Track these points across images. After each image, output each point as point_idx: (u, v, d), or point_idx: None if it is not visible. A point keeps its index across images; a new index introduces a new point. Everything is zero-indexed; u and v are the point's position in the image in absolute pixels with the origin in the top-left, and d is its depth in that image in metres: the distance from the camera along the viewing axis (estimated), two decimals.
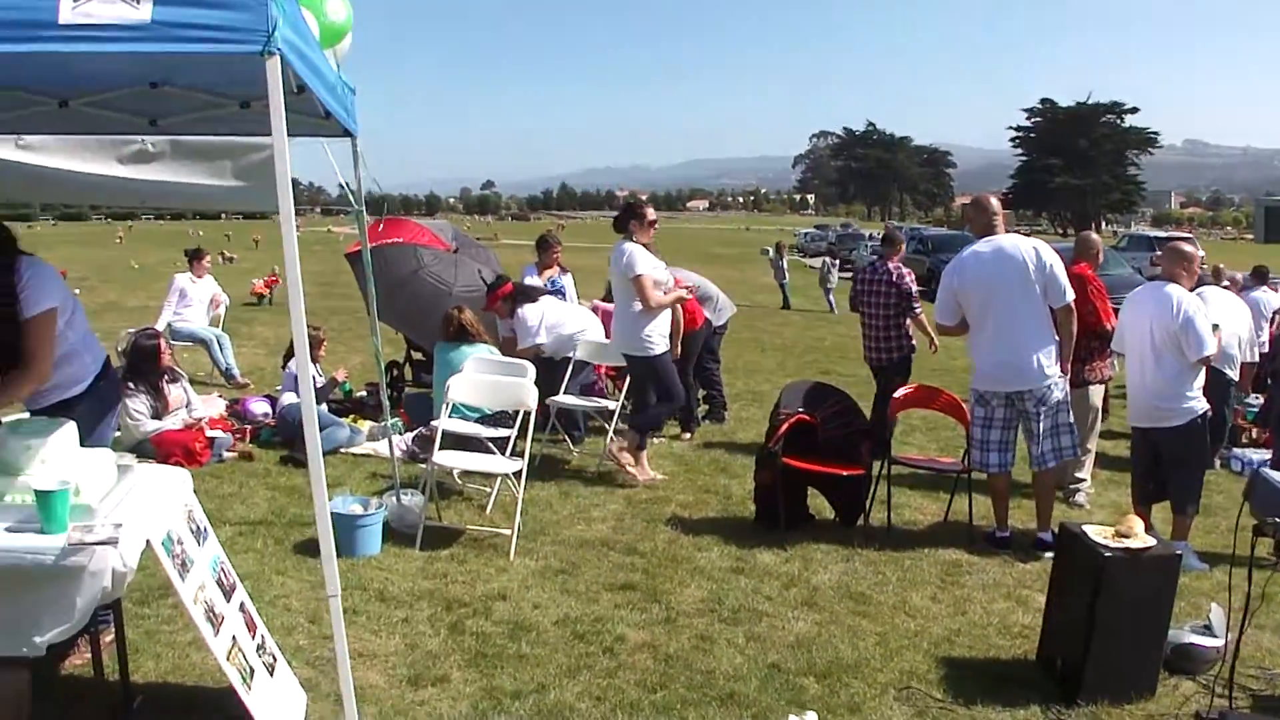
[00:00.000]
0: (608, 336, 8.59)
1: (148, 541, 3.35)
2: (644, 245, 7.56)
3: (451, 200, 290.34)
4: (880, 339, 8.98)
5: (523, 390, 6.59)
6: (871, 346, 9.09)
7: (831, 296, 26.35)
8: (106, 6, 2.79)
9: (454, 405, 6.91)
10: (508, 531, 6.16)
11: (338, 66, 5.05)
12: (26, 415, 4.16)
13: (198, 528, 3.86)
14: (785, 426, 6.60)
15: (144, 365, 8.00)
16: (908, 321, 8.92)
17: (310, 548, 5.95)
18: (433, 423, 7.08)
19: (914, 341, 9.07)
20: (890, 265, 9.01)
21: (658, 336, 7.57)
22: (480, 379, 6.99)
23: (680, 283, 8.46)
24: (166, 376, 8.17)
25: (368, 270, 6.37)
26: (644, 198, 15.44)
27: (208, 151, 6.22)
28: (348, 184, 5.85)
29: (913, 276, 9.11)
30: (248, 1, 2.89)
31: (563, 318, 8.69)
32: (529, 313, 8.48)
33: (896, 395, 7.40)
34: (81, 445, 3.67)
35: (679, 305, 8.06)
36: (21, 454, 3.40)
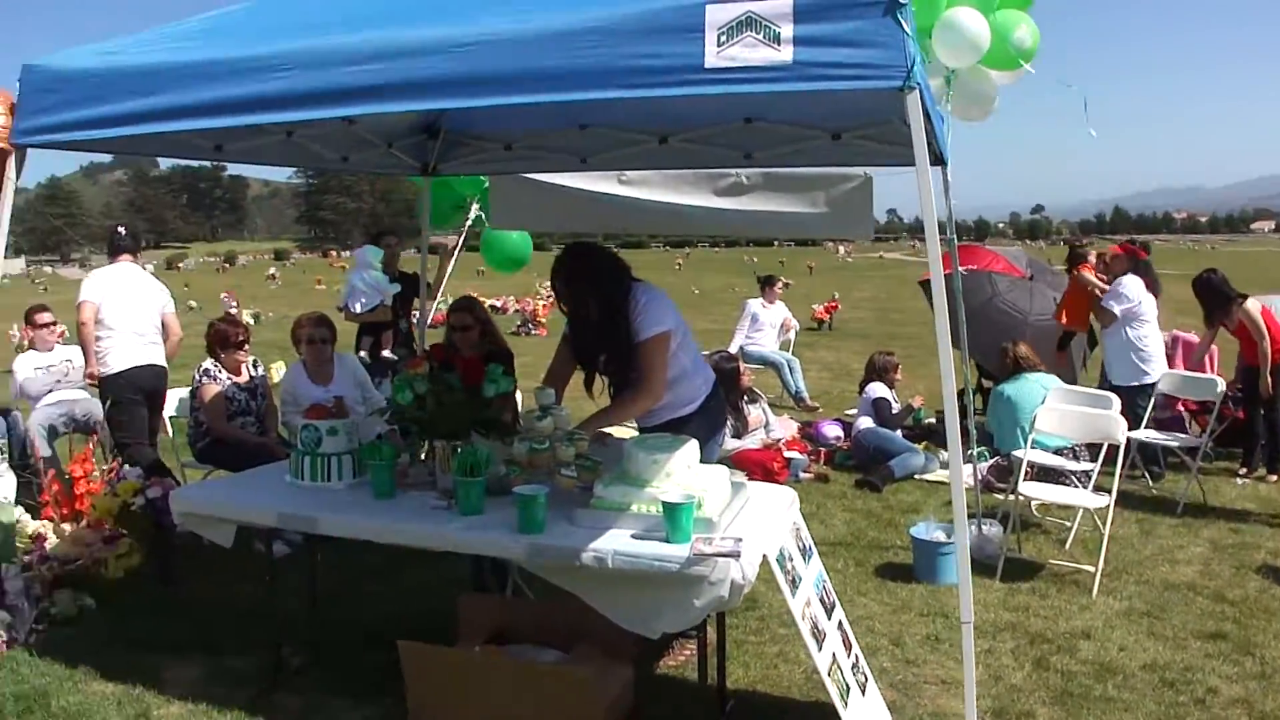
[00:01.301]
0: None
1: (764, 556, 3.60)
2: None
3: (1000, 225, 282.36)
4: None
5: (1110, 423, 6.28)
6: None
7: None
8: (750, 50, 2.95)
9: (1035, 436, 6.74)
10: (1090, 568, 5.90)
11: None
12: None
13: (804, 545, 4.08)
14: None
15: (724, 386, 8.55)
16: None
17: (891, 571, 6.06)
18: (1014, 453, 6.94)
19: None
20: None
21: None
22: (1067, 410, 6.74)
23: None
24: (745, 397, 8.68)
25: (958, 297, 6.25)
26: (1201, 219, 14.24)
27: (799, 182, 6.56)
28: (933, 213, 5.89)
29: None
30: (886, 40, 2.93)
31: None
32: None
33: None
34: None
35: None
36: (648, 467, 3.76)
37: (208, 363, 6.56)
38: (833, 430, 9.39)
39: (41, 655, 4.86)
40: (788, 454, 8.48)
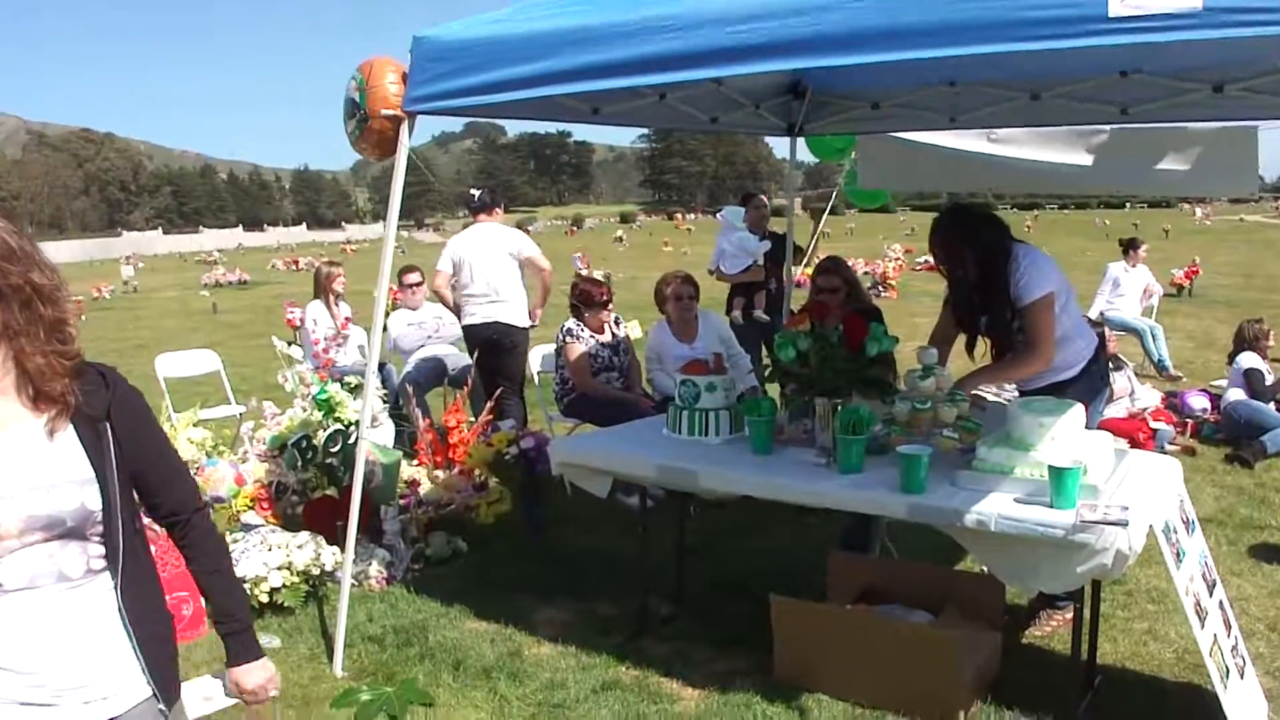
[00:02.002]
0: None
1: (1150, 527, 3.42)
2: None
3: None
4: None
5: None
6: None
7: None
8: None
9: None
10: None
11: None
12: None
13: (1187, 518, 3.86)
14: None
15: None
16: None
17: (1266, 552, 5.64)
18: None
19: None
20: None
21: None
22: None
23: None
24: (1111, 364, 8.25)
25: None
26: None
27: (1177, 137, 6.14)
28: None
29: None
30: None
31: None
32: None
33: None
34: None
35: None
36: (1033, 430, 3.63)
37: (570, 322, 6.84)
38: (1199, 401, 8.78)
39: (418, 592, 5.27)
40: (1154, 424, 8.01)
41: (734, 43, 3.43)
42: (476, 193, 8.04)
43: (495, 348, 7.51)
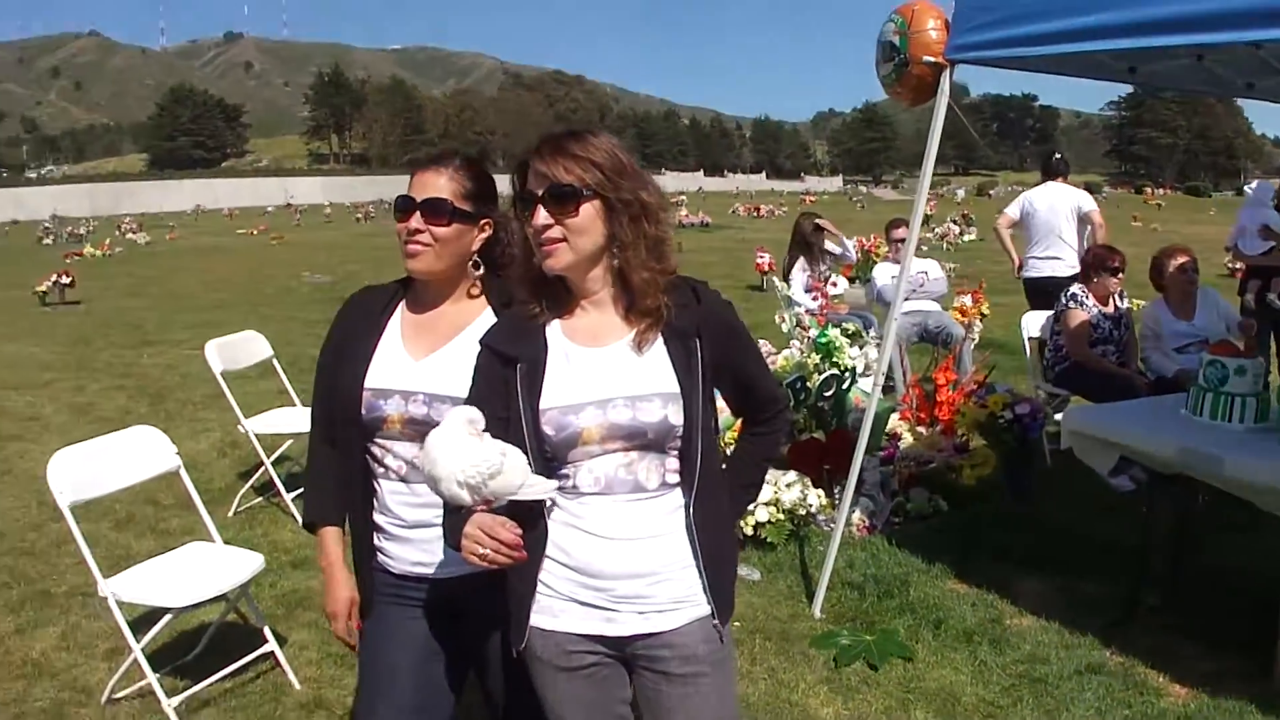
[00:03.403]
0: None
1: None
2: None
3: None
4: None
5: None
6: None
7: None
8: None
9: None
10: None
11: None
12: None
13: None
14: None
15: None
16: None
17: None
18: None
19: None
20: None
21: None
22: None
23: None
24: None
25: None
26: None
27: None
28: None
29: None
30: None
31: None
32: None
33: None
34: None
35: None
36: None
37: (1075, 287, 6.55)
38: None
39: (898, 545, 5.30)
40: None
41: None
42: (1057, 156, 8.70)
43: (1049, 300, 7.45)
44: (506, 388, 2.06)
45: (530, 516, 2.01)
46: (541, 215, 1.98)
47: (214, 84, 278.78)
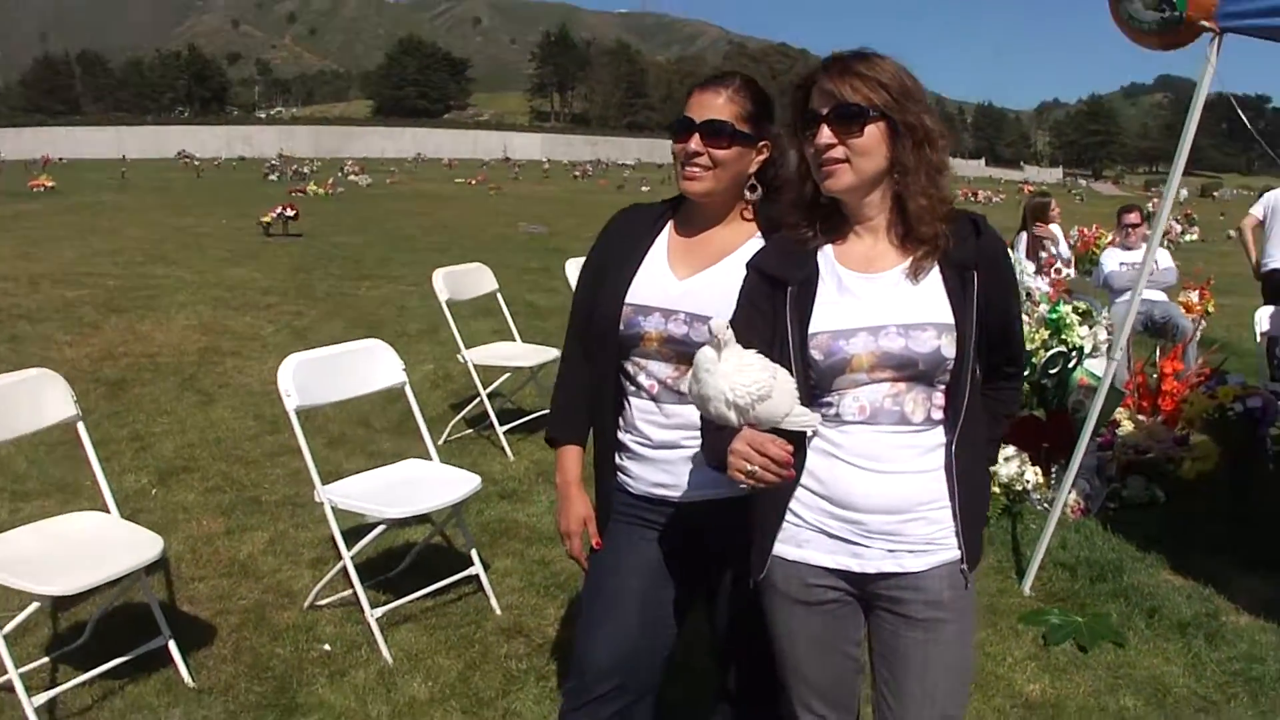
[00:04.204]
0: None
1: None
2: None
3: None
4: None
5: None
6: None
7: None
8: None
9: None
10: None
11: None
12: None
13: None
14: None
15: None
16: None
17: None
18: None
19: None
20: None
21: None
22: None
23: None
24: None
25: None
26: None
27: None
28: None
29: None
30: None
31: None
32: None
33: None
34: None
35: None
36: None
37: None
38: None
39: (1113, 531, 5.20)
40: None
41: None
42: None
43: None
44: (774, 311, 2.02)
45: (789, 443, 1.91)
46: (825, 134, 1.95)
47: (442, 37, 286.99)
